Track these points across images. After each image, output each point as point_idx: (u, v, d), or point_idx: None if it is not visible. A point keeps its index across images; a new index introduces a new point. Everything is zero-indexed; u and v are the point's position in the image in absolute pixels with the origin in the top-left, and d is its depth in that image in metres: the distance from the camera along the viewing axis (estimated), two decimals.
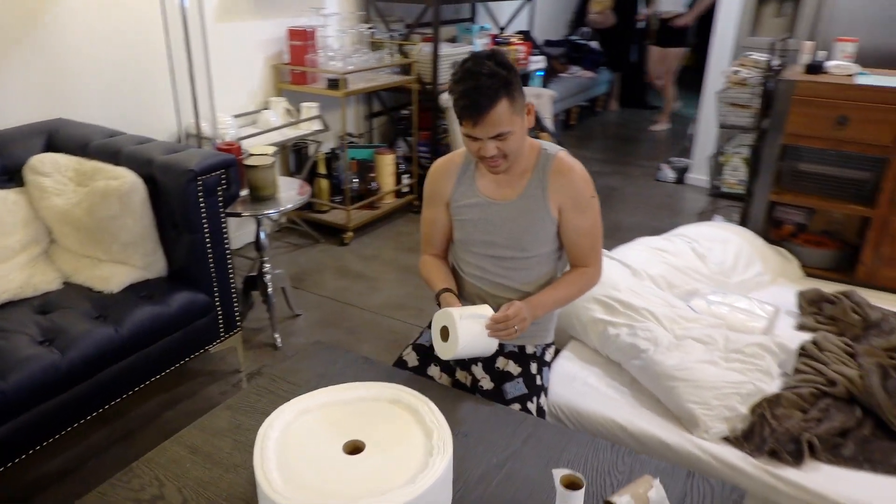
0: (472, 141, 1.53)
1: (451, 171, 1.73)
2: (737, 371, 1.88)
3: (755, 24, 4.00)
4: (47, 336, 1.76)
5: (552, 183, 1.62)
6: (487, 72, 1.45)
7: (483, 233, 1.69)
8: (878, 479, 1.66)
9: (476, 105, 1.45)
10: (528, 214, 1.64)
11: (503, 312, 1.53)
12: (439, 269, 1.77)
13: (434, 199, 1.76)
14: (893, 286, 2.65)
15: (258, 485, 1.17)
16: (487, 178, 1.67)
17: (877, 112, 2.52)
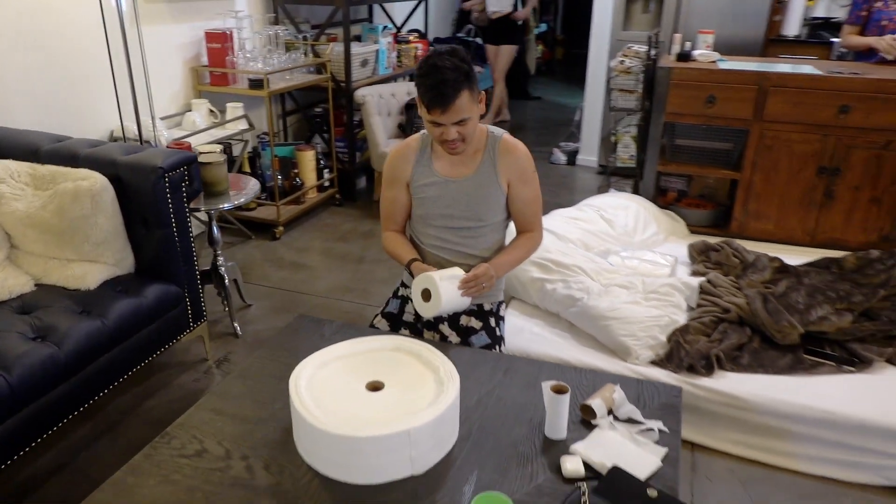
0: (436, 126, 1.75)
1: (409, 156, 1.94)
2: (655, 308, 2.28)
3: (626, 20, 4.52)
4: (39, 333, 1.82)
5: (501, 160, 1.88)
6: (451, 66, 1.68)
7: (442, 207, 1.92)
8: (769, 378, 2.11)
9: (443, 95, 1.67)
10: (482, 188, 1.90)
11: (473, 273, 1.80)
12: (403, 242, 1.99)
13: (394, 182, 1.97)
14: (760, 235, 3.20)
15: (301, 419, 1.36)
16: (443, 160, 1.91)
17: (738, 91, 3.04)
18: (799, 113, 2.98)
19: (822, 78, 2.94)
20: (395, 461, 1.35)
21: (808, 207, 3.13)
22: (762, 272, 2.68)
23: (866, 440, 1.96)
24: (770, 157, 3.10)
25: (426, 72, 1.69)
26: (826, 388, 2.07)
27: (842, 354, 2.21)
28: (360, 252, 3.50)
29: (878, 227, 3.06)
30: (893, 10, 3.23)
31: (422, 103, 1.73)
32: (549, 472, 1.38)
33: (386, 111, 4.07)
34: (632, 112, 3.43)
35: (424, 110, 1.73)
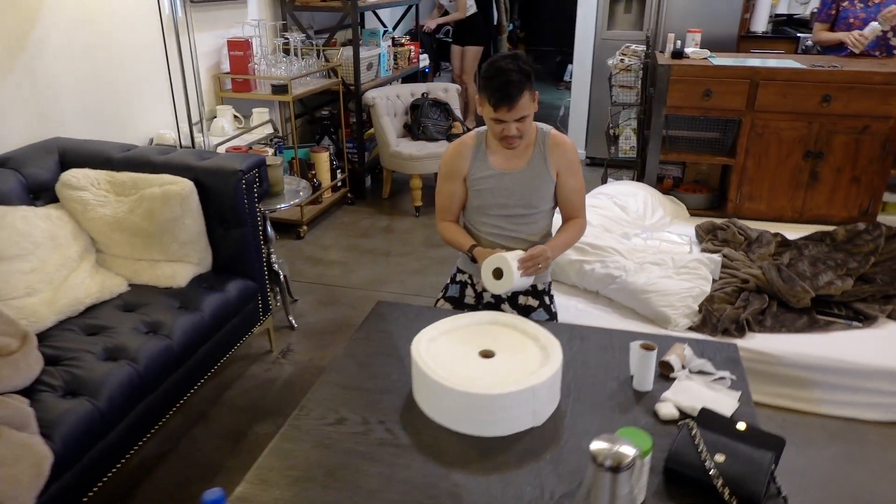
0: (498, 123, 1.92)
1: (466, 153, 2.11)
2: (686, 280, 2.55)
3: (610, 20, 4.82)
4: (150, 328, 1.95)
5: (551, 153, 2.09)
6: (516, 69, 1.86)
7: (499, 197, 2.11)
8: (791, 336, 2.41)
9: (509, 96, 1.85)
10: (534, 179, 2.11)
11: (530, 253, 2.00)
12: (460, 231, 2.18)
13: (452, 176, 2.14)
14: (754, 215, 3.52)
15: (434, 383, 1.54)
16: (498, 154, 2.10)
17: (732, 85, 3.35)
18: (786, 103, 3.31)
19: (806, 71, 3.27)
20: (521, 414, 1.55)
21: (797, 188, 3.46)
22: (767, 246, 2.99)
23: (878, 383, 2.27)
24: (761, 143, 3.43)
25: (493, 74, 1.87)
26: (840, 342, 2.38)
27: (848, 313, 2.53)
28: (385, 247, 3.68)
29: (859, 203, 3.42)
30: (859, 8, 3.59)
31: (487, 102, 1.90)
32: (647, 417, 1.61)
33: (393, 112, 4.25)
34: (632, 106, 3.71)
35: (490, 108, 1.90)
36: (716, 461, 1.37)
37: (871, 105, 3.22)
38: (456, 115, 4.40)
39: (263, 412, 2.30)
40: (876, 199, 3.41)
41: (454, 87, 4.58)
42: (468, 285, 2.25)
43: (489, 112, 1.92)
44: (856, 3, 3.59)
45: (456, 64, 6.04)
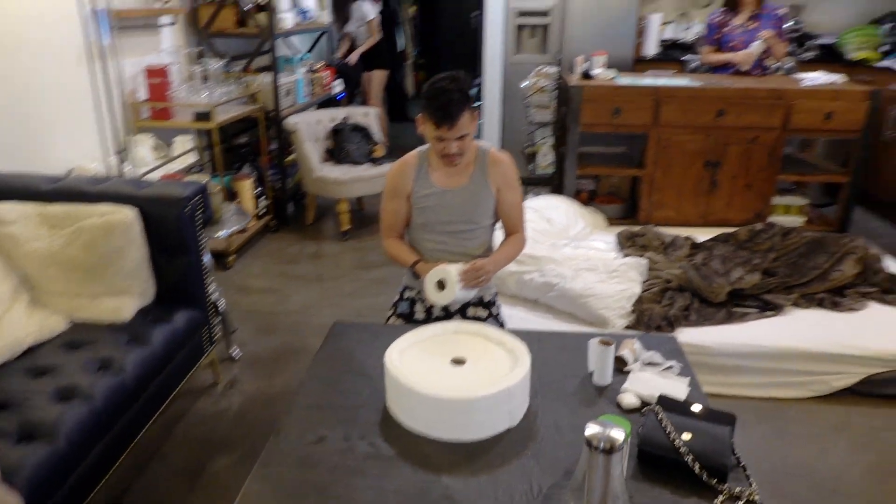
0: (440, 141, 2.00)
1: (409, 171, 2.17)
2: (618, 283, 2.73)
3: (517, 45, 5.07)
4: (100, 364, 1.86)
5: (491, 170, 2.18)
6: (455, 89, 1.94)
7: (441, 214, 2.17)
8: (714, 328, 2.63)
9: (450, 114, 1.93)
10: (475, 195, 2.20)
11: (472, 265, 2.04)
12: (404, 247, 2.24)
13: (396, 194, 2.19)
14: (664, 221, 3.80)
15: (413, 393, 1.58)
16: (440, 172, 2.17)
17: (637, 102, 3.63)
18: (687, 118, 3.63)
19: (702, 89, 3.61)
20: (498, 416, 1.63)
21: (699, 195, 3.78)
22: (681, 249, 3.25)
23: (792, 364, 2.53)
24: (666, 155, 3.72)
25: (434, 94, 1.95)
26: (756, 330, 2.63)
27: (759, 304, 2.79)
28: (316, 271, 3.66)
29: (753, 206, 3.78)
30: (738, 32, 3.99)
31: (429, 121, 1.98)
32: (611, 407, 1.72)
33: (314, 137, 4.25)
34: (547, 125, 3.92)
35: (432, 126, 1.98)
36: (683, 440, 1.50)
37: (759, 118, 3.60)
38: (377, 138, 4.46)
39: (218, 446, 2.23)
40: (767, 201, 3.78)
41: (374, 110, 4.65)
42: (417, 301, 2.30)
43: (431, 130, 2.00)
44: (735, 28, 3.99)
45: (365, 88, 6.12)
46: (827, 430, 2.37)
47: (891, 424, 2.40)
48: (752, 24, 3.92)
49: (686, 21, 5.64)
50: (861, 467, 2.19)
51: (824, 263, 2.94)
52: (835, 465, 2.20)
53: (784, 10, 3.98)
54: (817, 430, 2.38)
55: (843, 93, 3.59)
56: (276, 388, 2.56)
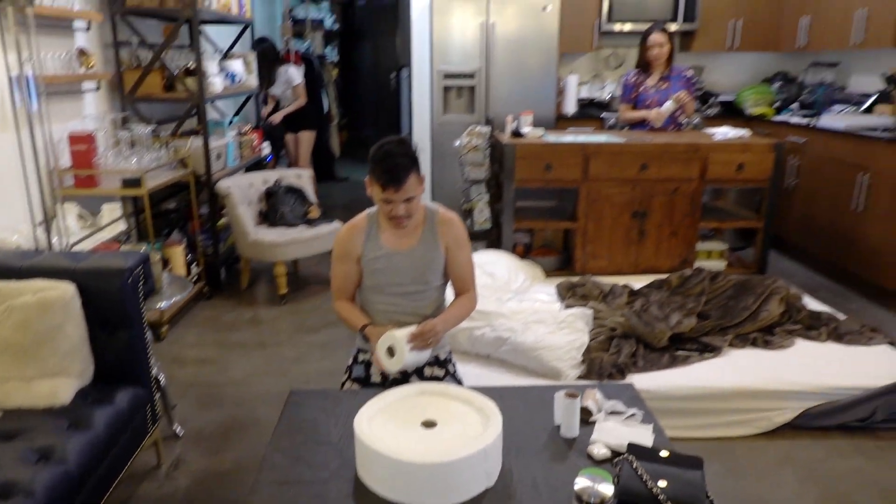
0: (388, 204, 2.02)
1: (358, 234, 2.17)
2: (567, 334, 2.78)
3: (445, 105, 5.22)
4: (39, 454, 1.71)
5: (440, 230, 2.17)
6: (402, 152, 1.98)
7: (392, 276, 2.16)
8: (659, 373, 2.72)
9: (397, 177, 1.96)
10: (425, 256, 2.17)
11: (420, 328, 2.04)
12: (354, 310, 2.23)
13: (346, 257, 2.19)
14: (598, 271, 3.93)
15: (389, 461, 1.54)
16: (388, 234, 2.15)
17: (567, 158, 3.79)
18: (613, 171, 3.82)
19: (626, 144, 3.82)
20: (476, 477, 1.61)
21: (629, 244, 3.95)
22: (620, 297, 3.36)
23: (736, 403, 2.64)
24: (597, 208, 3.89)
25: (381, 157, 1.98)
26: (699, 372, 2.73)
27: (699, 347, 2.92)
28: (257, 338, 3.53)
29: (679, 253, 3.99)
30: (651, 92, 4.28)
31: (377, 184, 2.00)
32: (583, 459, 1.74)
33: (247, 201, 4.17)
34: (482, 182, 4.03)
35: (379, 189, 2.00)
36: (660, 487, 1.53)
37: (678, 170, 3.83)
38: (311, 199, 4.43)
39: None
40: (691, 248, 4.00)
41: (307, 172, 4.63)
42: (372, 364, 2.24)
43: (378, 193, 2.01)
44: (649, 89, 4.28)
45: (292, 152, 6.10)
46: (773, 464, 2.47)
47: (830, 455, 2.53)
48: (664, 84, 4.22)
49: (600, 82, 6.00)
50: (810, 499, 2.29)
51: (752, 304, 3.11)
52: (786, 499, 2.29)
53: (690, 71, 4.31)
54: (764, 465, 2.48)
55: (751, 145, 3.90)
56: (226, 466, 2.42)
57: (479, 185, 4.14)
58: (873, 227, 4.04)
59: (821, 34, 5.02)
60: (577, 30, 5.45)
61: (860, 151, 4.15)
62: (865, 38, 4.49)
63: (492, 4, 4.99)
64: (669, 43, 4.10)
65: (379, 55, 11.19)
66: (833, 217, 4.41)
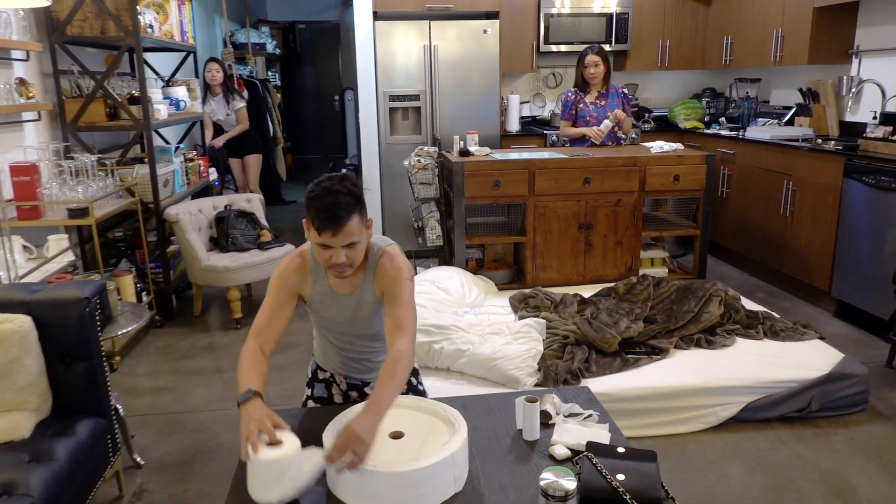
0: (325, 249, 1.71)
1: (306, 271, 1.87)
2: (523, 344, 2.88)
3: (392, 127, 5.31)
4: (2, 490, 1.68)
5: (377, 273, 1.87)
6: (344, 190, 1.69)
7: (339, 320, 1.94)
8: (612, 376, 2.84)
9: (336, 218, 1.66)
10: (363, 306, 1.91)
11: (338, 444, 1.53)
12: (259, 366, 1.77)
13: (286, 289, 1.85)
14: (549, 282, 4.06)
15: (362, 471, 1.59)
16: (334, 279, 1.88)
17: (514, 175, 3.92)
18: (558, 186, 3.97)
19: (569, 160, 3.98)
20: (445, 483, 1.66)
21: (577, 255, 4.11)
22: (570, 306, 3.49)
23: (684, 400, 2.78)
24: (544, 221, 4.03)
25: (318, 194, 1.69)
26: (649, 374, 2.87)
27: (647, 350, 3.06)
28: (214, 364, 3.50)
29: (624, 261, 4.16)
30: (591, 108, 4.48)
31: (311, 226, 1.70)
32: (545, 460, 1.82)
33: (197, 227, 4.14)
34: (432, 200, 4.12)
35: (314, 233, 1.70)
36: (619, 480, 1.62)
37: (619, 183, 4.02)
38: (262, 223, 4.42)
39: None
40: (635, 256, 4.18)
41: (257, 196, 4.63)
42: (332, 383, 2.20)
43: (314, 236, 1.72)
44: (588, 105, 4.47)
45: (238, 177, 6.05)
46: (722, 456, 2.62)
47: (773, 444, 2.69)
48: (602, 101, 4.42)
49: (541, 100, 6.21)
50: (758, 488, 2.44)
51: (695, 307, 3.29)
52: (735, 489, 2.43)
53: (625, 88, 4.53)
54: (713, 458, 2.62)
55: (685, 157, 4.12)
56: (190, 494, 2.40)
57: (429, 203, 4.24)
58: (800, 231, 4.32)
59: (743, 52, 5.36)
60: (517, 51, 5.65)
61: (784, 160, 4.44)
62: (782, 56, 4.82)
63: (433, 28, 5.13)
64: (605, 62, 4.31)
65: (321, 78, 11.25)
66: (764, 222, 4.69)
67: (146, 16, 3.95)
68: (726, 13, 5.56)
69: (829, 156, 4.06)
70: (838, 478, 2.48)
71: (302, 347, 3.73)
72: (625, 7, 5.62)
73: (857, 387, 2.90)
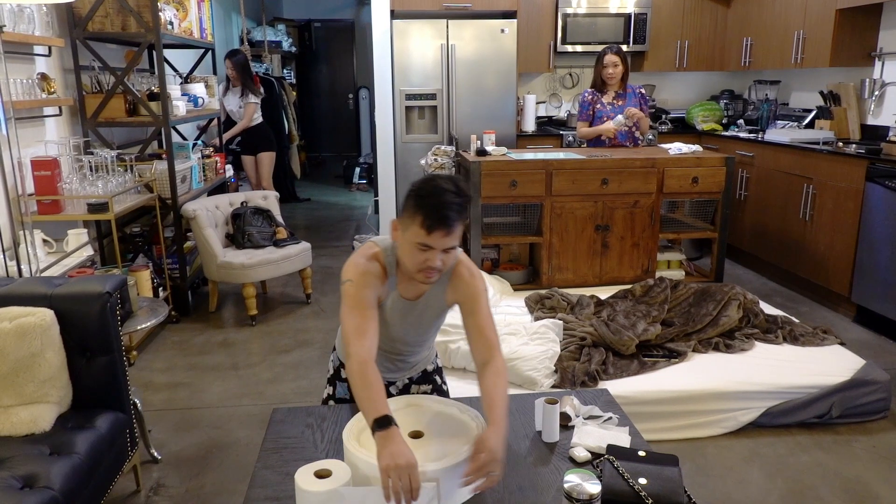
0: (423, 251, 1.61)
1: (383, 275, 1.75)
2: (540, 345, 2.87)
3: (408, 126, 5.31)
4: (24, 482, 1.69)
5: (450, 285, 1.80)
6: (455, 191, 1.60)
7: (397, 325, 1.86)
8: (630, 379, 2.82)
9: (448, 218, 1.57)
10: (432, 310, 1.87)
11: (478, 464, 1.51)
12: (381, 383, 1.62)
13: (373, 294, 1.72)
14: (564, 283, 4.04)
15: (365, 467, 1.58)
16: (404, 283, 1.79)
17: (531, 175, 3.91)
18: (575, 187, 3.95)
19: (587, 160, 3.96)
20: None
21: (594, 256, 4.08)
22: (587, 308, 3.47)
23: (703, 404, 2.75)
24: (561, 222, 4.01)
25: (430, 192, 1.60)
26: (667, 377, 2.85)
27: (665, 353, 3.03)
28: (229, 360, 3.51)
29: (641, 263, 4.13)
30: (608, 108, 4.45)
31: (418, 225, 1.59)
32: (565, 462, 1.81)
33: (214, 223, 4.15)
34: None
35: (421, 232, 1.58)
36: (641, 484, 1.61)
37: (637, 184, 3.99)
38: (278, 220, 4.43)
39: None
40: (652, 258, 4.15)
41: (272, 193, 4.63)
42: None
43: (418, 236, 1.60)
44: (605, 105, 4.45)
45: (252, 174, 6.07)
46: (741, 462, 2.59)
47: (793, 450, 2.66)
48: (619, 101, 4.39)
49: (557, 101, 6.18)
50: (777, 493, 2.41)
51: (713, 310, 3.26)
52: (755, 494, 2.40)
53: (643, 88, 4.49)
54: (732, 463, 2.59)
55: (705, 159, 4.09)
56: (207, 489, 2.41)
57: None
58: (820, 235, 4.27)
59: (762, 54, 5.31)
60: (534, 51, 5.63)
61: (804, 164, 4.39)
62: (803, 58, 4.77)
63: (451, 27, 5.12)
64: (623, 63, 4.28)
65: (336, 76, 11.28)
66: (783, 226, 4.64)
67: (166, 12, 3.97)
68: (746, 14, 5.51)
69: (850, 159, 4.01)
70: (859, 485, 2.45)
71: (318, 345, 3.73)
72: (643, 7, 5.59)
73: (878, 393, 2.86)
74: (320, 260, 5.36)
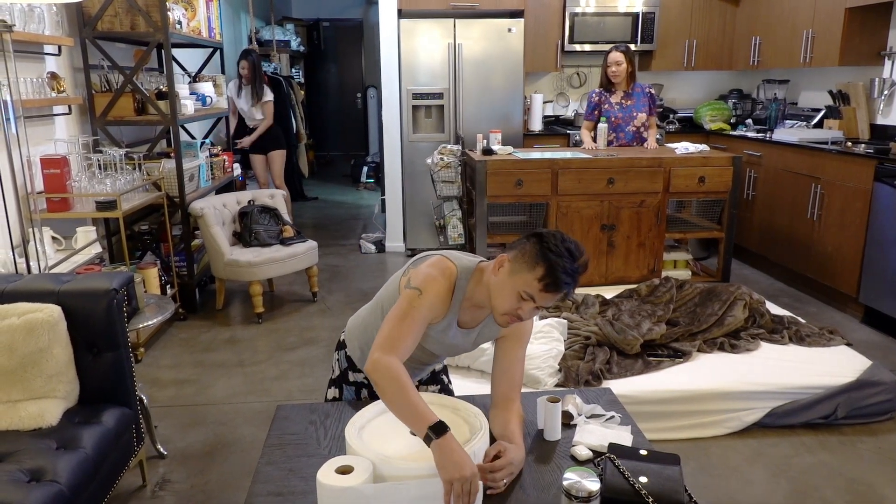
0: (525, 301, 1.59)
1: (447, 300, 1.71)
2: (544, 344, 2.87)
3: (415, 125, 5.32)
4: (31, 476, 1.71)
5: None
6: (584, 262, 1.61)
7: (441, 345, 1.84)
8: (635, 378, 2.81)
9: (567, 286, 1.57)
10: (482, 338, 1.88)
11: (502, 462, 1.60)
12: (416, 389, 1.63)
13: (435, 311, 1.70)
14: None
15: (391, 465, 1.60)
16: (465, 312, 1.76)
17: (537, 174, 3.91)
18: (581, 186, 3.95)
19: (593, 160, 3.96)
20: None
21: (599, 255, 4.08)
22: (592, 307, 3.47)
23: (707, 404, 2.75)
24: (566, 221, 4.01)
25: (562, 252, 1.57)
26: (672, 377, 2.84)
27: (669, 352, 3.03)
28: (236, 357, 3.53)
29: (647, 263, 4.13)
30: (616, 109, 4.45)
31: (536, 277, 1.56)
32: (567, 461, 1.81)
33: (221, 221, 4.18)
34: (454, 198, 4.12)
35: (536, 285, 1.56)
36: (642, 483, 1.61)
37: (644, 184, 3.98)
38: (285, 219, 4.46)
39: None
40: (658, 258, 4.14)
41: (280, 192, 4.66)
42: (364, 386, 2.07)
43: (529, 286, 1.57)
44: (614, 106, 4.44)
45: (260, 173, 6.10)
46: (745, 462, 2.59)
47: (798, 451, 2.65)
48: (628, 101, 4.39)
49: (564, 100, 6.17)
50: (781, 494, 2.40)
51: (718, 310, 3.25)
52: (758, 495, 2.39)
53: (652, 88, 4.49)
54: (736, 463, 2.58)
55: (711, 159, 4.08)
56: (212, 485, 2.43)
57: (451, 201, 4.24)
58: (828, 235, 4.24)
59: (771, 53, 5.29)
60: (541, 50, 5.62)
61: (813, 163, 4.37)
62: (812, 57, 4.75)
63: (458, 27, 5.13)
64: (628, 61, 4.27)
65: (344, 75, 11.31)
66: (790, 226, 4.62)
67: (175, 12, 3.99)
68: (755, 13, 5.48)
69: (859, 159, 3.98)
70: (865, 486, 2.44)
71: (324, 343, 3.75)
72: (651, 6, 5.57)
73: (884, 394, 2.85)
74: (327, 258, 5.38)
